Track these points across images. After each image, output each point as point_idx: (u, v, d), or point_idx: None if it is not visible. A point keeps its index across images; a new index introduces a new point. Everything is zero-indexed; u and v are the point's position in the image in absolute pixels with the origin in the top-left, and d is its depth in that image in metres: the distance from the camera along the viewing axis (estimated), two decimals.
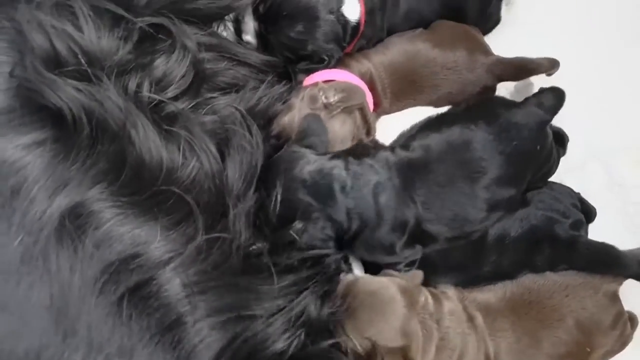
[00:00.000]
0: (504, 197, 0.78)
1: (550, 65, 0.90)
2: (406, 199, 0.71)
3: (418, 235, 0.73)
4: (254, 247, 0.69)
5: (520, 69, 0.92)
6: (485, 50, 0.94)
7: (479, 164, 0.76)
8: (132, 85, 0.68)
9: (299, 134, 0.77)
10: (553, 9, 1.05)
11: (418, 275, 0.77)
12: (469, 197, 0.75)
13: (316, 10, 0.82)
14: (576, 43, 1.02)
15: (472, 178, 0.75)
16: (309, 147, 0.75)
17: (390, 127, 0.91)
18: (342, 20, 0.85)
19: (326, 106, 0.80)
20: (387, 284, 0.71)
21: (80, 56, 0.67)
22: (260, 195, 0.73)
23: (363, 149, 0.76)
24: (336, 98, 0.80)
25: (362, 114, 0.84)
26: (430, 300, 0.73)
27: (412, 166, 0.74)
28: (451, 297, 0.76)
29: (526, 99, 0.86)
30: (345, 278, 0.75)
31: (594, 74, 1.01)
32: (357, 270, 0.80)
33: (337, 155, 0.74)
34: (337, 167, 0.72)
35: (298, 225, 0.70)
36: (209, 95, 0.78)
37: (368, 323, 0.69)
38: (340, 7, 0.84)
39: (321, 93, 0.81)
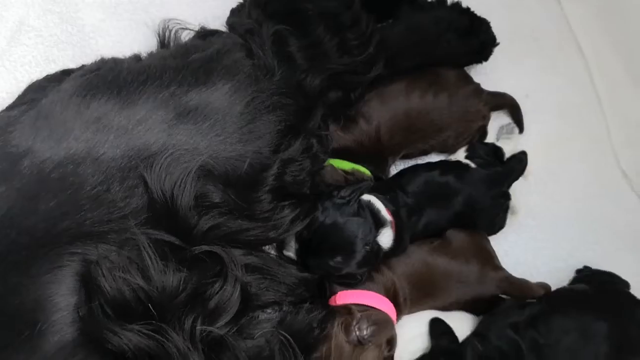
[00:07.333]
0: None
1: (543, 290, 1.04)
2: None
3: None
4: None
5: (522, 291, 1.03)
6: (495, 265, 1.05)
7: None
8: (188, 321, 0.74)
9: None
10: (551, 216, 1.18)
11: None
12: None
13: (355, 245, 0.91)
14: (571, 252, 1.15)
15: None
16: None
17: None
18: (376, 248, 0.93)
19: (359, 340, 0.87)
20: None
21: (147, 304, 0.72)
22: None
23: None
24: (368, 332, 0.88)
25: (389, 339, 0.91)
26: None
27: None
28: None
29: None
30: None
31: None
32: None
33: None
34: None
35: None
36: (251, 314, 0.84)
37: None
38: (377, 237, 0.93)
39: (355, 323, 0.88)
